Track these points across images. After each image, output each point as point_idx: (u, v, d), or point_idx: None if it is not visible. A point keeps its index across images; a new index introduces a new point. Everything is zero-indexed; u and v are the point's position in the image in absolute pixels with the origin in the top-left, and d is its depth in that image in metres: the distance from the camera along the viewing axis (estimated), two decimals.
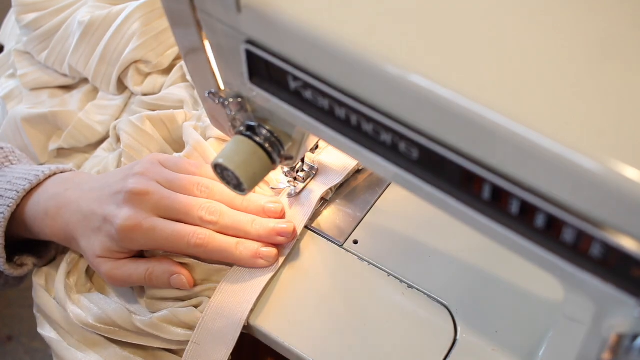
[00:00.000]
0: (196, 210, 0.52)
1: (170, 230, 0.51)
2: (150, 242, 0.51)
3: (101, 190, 0.54)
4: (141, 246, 0.52)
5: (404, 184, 0.36)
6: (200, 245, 0.51)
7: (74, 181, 0.56)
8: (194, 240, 0.51)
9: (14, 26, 0.81)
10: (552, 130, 0.27)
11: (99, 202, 0.53)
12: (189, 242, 0.51)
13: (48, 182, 0.56)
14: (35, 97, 0.73)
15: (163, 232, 0.51)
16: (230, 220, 0.52)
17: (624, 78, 0.28)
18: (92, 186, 0.55)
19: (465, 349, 0.48)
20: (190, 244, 0.51)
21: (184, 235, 0.51)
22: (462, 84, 0.29)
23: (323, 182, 0.58)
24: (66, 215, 0.54)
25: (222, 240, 0.52)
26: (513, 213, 0.31)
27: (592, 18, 0.31)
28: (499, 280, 0.51)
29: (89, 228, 0.53)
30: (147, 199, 0.51)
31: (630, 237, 0.27)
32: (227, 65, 0.40)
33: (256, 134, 0.44)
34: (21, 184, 0.55)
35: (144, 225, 0.50)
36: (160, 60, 0.69)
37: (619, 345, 0.31)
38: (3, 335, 1.35)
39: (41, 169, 0.57)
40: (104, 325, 0.53)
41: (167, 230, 0.51)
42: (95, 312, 0.54)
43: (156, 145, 0.64)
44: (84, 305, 0.54)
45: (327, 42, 0.32)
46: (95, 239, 0.52)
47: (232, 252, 0.52)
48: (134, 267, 0.52)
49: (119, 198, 0.52)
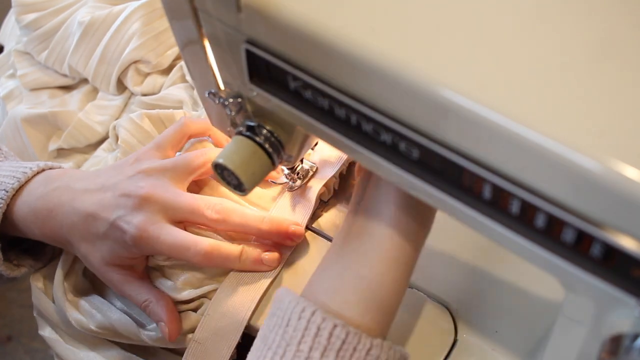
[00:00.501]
0: (203, 209, 0.51)
1: (180, 238, 0.50)
2: (158, 249, 0.50)
3: (101, 191, 0.52)
4: (151, 252, 0.52)
5: (404, 184, 0.36)
6: (206, 254, 0.50)
7: (61, 179, 0.54)
8: (201, 249, 0.50)
9: (14, 26, 0.81)
10: (553, 130, 0.27)
11: (101, 206, 0.51)
12: (196, 251, 0.50)
13: (35, 180, 0.54)
14: (35, 98, 0.73)
15: (172, 239, 0.50)
16: (239, 219, 0.52)
17: (625, 78, 0.28)
18: (86, 186, 0.53)
19: (465, 349, 0.48)
20: (198, 252, 0.50)
21: (192, 244, 0.50)
22: (463, 83, 0.29)
23: (321, 177, 0.58)
24: (58, 217, 0.52)
25: (227, 248, 0.51)
26: (513, 213, 0.31)
27: (592, 18, 0.31)
28: (499, 280, 0.51)
29: (91, 233, 0.51)
30: (158, 203, 0.50)
31: (630, 237, 0.27)
32: (227, 65, 0.40)
33: (256, 134, 0.44)
34: (9, 182, 0.53)
35: (155, 232, 0.49)
36: (160, 60, 0.69)
37: (619, 345, 0.31)
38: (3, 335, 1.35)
39: (28, 165, 0.55)
40: (106, 331, 0.53)
41: (176, 238, 0.50)
42: (98, 319, 0.53)
43: None
44: (84, 310, 0.54)
45: (327, 42, 0.32)
46: (101, 245, 0.51)
47: (236, 260, 0.52)
48: (137, 288, 0.52)
49: (129, 202, 0.50)
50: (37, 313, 0.57)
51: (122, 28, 0.69)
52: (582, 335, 0.36)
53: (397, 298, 0.41)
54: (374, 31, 0.32)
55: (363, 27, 0.32)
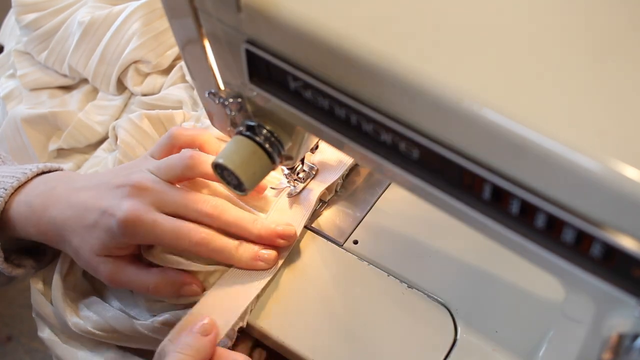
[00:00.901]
0: (199, 203, 0.51)
1: (171, 226, 0.50)
2: (151, 236, 0.50)
3: (97, 187, 0.52)
4: (141, 240, 0.51)
5: (404, 184, 0.36)
6: (201, 243, 0.50)
7: (62, 179, 0.55)
8: (196, 237, 0.50)
9: (14, 26, 0.81)
10: (552, 130, 0.27)
11: (94, 197, 0.51)
12: (190, 239, 0.50)
13: (35, 181, 0.55)
14: (35, 98, 0.73)
15: (165, 226, 0.49)
16: (233, 217, 0.52)
17: (625, 78, 0.28)
18: (84, 184, 0.53)
19: (465, 349, 0.48)
20: (192, 241, 0.50)
21: (186, 232, 0.50)
22: (462, 83, 0.29)
23: (322, 180, 0.58)
24: (54, 212, 0.52)
25: (223, 240, 0.51)
26: (513, 213, 0.31)
27: (592, 18, 0.31)
28: (499, 280, 0.51)
29: (82, 225, 0.51)
30: (150, 193, 0.50)
31: (630, 237, 0.27)
32: (227, 65, 0.40)
33: (256, 134, 0.44)
34: (8, 181, 0.54)
35: (146, 219, 0.49)
36: (160, 60, 0.69)
37: (619, 345, 0.31)
38: (3, 335, 1.35)
39: (29, 167, 0.56)
40: (104, 332, 0.53)
41: (169, 225, 0.50)
42: (95, 319, 0.53)
43: (152, 143, 0.64)
44: (83, 314, 0.54)
45: (327, 42, 0.32)
46: (90, 236, 0.51)
47: (232, 253, 0.51)
48: (135, 273, 0.51)
49: (121, 192, 0.50)
50: (36, 314, 0.57)
51: (122, 28, 0.69)
52: (582, 335, 0.36)
53: None
54: (374, 31, 0.32)
55: (363, 27, 0.32)
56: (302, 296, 0.52)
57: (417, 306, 0.51)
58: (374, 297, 0.52)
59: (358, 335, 0.50)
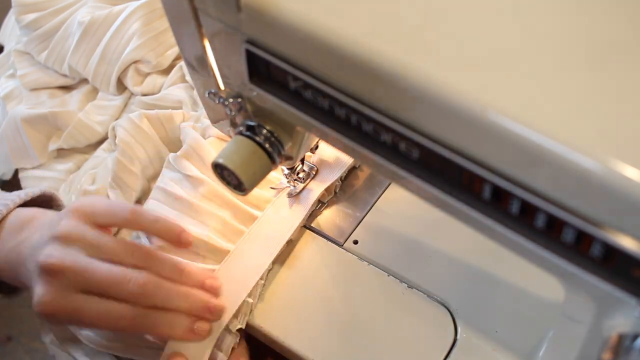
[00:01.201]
0: (123, 284, 0.46)
1: (96, 312, 0.46)
2: (75, 323, 0.48)
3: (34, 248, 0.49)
4: (68, 324, 0.50)
5: (404, 184, 0.36)
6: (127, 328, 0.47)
7: (29, 228, 0.52)
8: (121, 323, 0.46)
9: (14, 26, 0.81)
10: (552, 130, 0.27)
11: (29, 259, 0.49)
12: (116, 324, 0.47)
13: (7, 224, 0.52)
14: (35, 98, 0.73)
15: (88, 312, 0.46)
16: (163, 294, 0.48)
17: (625, 78, 0.28)
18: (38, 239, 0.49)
19: (465, 349, 0.48)
20: (118, 326, 0.47)
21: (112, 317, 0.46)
22: (462, 83, 0.29)
23: (322, 180, 0.58)
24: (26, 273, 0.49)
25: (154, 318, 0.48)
26: (513, 213, 0.31)
27: (593, 18, 0.31)
28: (499, 280, 0.51)
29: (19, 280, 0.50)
30: (62, 277, 0.46)
31: (630, 237, 0.27)
32: (227, 65, 0.40)
33: (256, 133, 0.44)
34: None
35: (66, 307, 0.46)
36: (160, 60, 0.69)
37: (619, 345, 0.31)
38: (3, 336, 1.35)
39: (10, 197, 0.53)
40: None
41: (93, 311, 0.46)
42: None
43: (151, 144, 0.64)
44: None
45: (327, 42, 0.32)
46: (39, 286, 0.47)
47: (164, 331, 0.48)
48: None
49: (36, 268, 0.47)
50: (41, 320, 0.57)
51: (122, 28, 0.69)
52: (582, 335, 0.36)
53: None
54: (374, 31, 0.32)
55: (363, 27, 0.32)
56: (301, 296, 0.52)
57: (417, 306, 0.51)
58: (374, 297, 0.52)
59: (358, 335, 0.50)
